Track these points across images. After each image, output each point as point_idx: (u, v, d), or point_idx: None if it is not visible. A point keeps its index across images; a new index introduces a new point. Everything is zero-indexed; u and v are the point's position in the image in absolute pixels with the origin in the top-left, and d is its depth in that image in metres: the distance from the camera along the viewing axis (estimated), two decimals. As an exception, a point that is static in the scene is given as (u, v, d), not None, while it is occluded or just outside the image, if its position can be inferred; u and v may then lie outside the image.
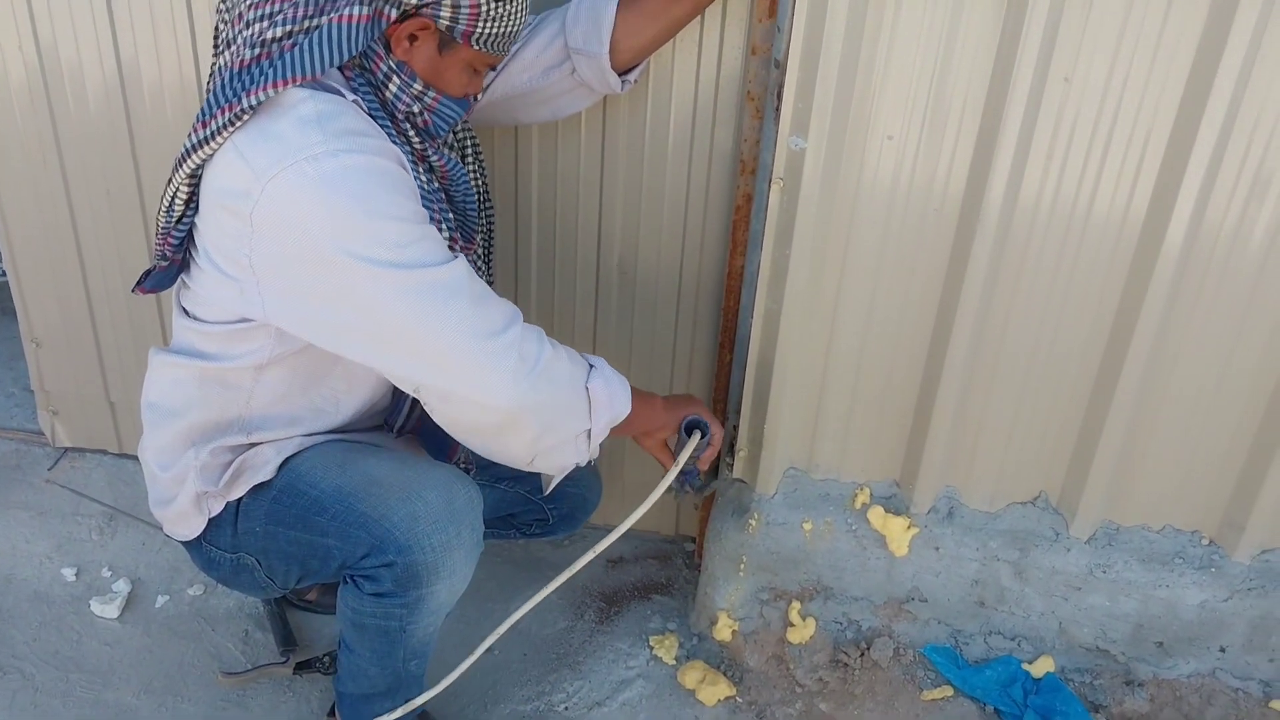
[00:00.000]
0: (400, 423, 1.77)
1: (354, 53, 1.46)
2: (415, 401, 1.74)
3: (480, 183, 1.81)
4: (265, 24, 1.48)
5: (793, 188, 1.74)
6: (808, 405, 1.96)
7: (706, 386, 2.18)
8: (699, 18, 1.82)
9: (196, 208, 1.52)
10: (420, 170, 1.58)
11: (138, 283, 1.65)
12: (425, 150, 1.61)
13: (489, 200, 1.84)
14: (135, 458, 2.52)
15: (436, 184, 1.64)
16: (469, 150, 1.80)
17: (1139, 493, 1.95)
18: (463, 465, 1.86)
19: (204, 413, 1.65)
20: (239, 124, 1.42)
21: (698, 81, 1.87)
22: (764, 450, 1.99)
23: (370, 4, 1.46)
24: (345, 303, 1.42)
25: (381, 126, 1.52)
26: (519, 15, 1.57)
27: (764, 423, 1.96)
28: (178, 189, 1.51)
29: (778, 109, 1.72)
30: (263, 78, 1.42)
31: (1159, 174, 1.65)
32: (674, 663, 2.12)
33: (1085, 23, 1.56)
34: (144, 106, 2.08)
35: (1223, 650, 2.00)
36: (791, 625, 2.08)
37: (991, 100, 1.64)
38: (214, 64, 1.60)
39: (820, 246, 1.79)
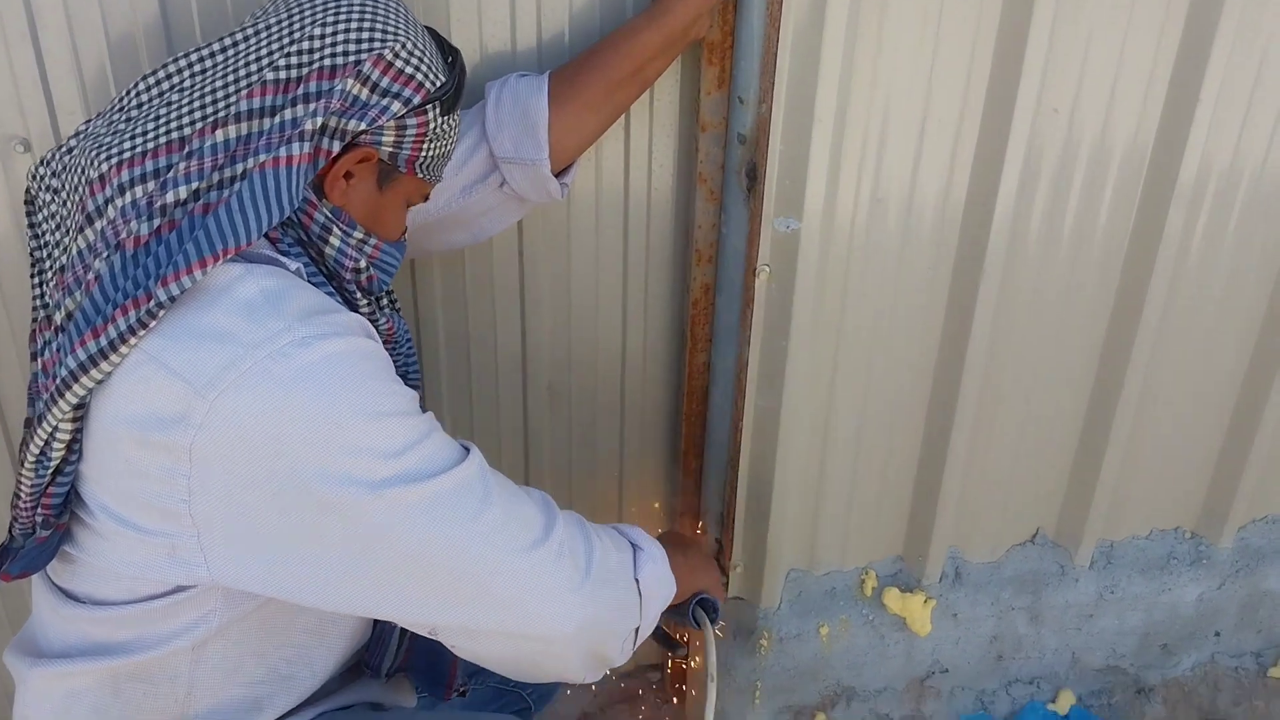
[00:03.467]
0: (390, 665, 1.38)
1: (296, 205, 1.08)
2: (403, 633, 1.36)
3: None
4: (152, 185, 1.07)
5: (785, 273, 1.52)
6: (807, 501, 1.75)
7: (665, 502, 1.90)
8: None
9: (80, 452, 1.08)
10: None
11: None
12: (374, 315, 1.25)
13: (415, 353, 1.47)
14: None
15: None
16: (385, 299, 1.43)
17: (1130, 506, 1.91)
18: (460, 690, 1.48)
19: None
20: (151, 325, 1.01)
21: (627, 168, 1.59)
22: (766, 560, 1.76)
23: (309, 138, 1.09)
24: (336, 542, 1.05)
25: (329, 296, 1.16)
26: (458, 128, 1.25)
27: (766, 531, 1.73)
28: (55, 430, 1.06)
29: (750, 188, 1.49)
30: (178, 257, 1.02)
31: (1140, 204, 1.62)
32: (702, 821, 1.84)
33: (1084, 55, 1.46)
34: None
35: (1217, 635, 2.02)
36: (821, 740, 1.87)
37: (985, 139, 1.50)
38: (52, 251, 1.15)
39: (817, 331, 1.58)
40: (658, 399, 1.80)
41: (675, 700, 2.05)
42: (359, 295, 1.22)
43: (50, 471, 1.08)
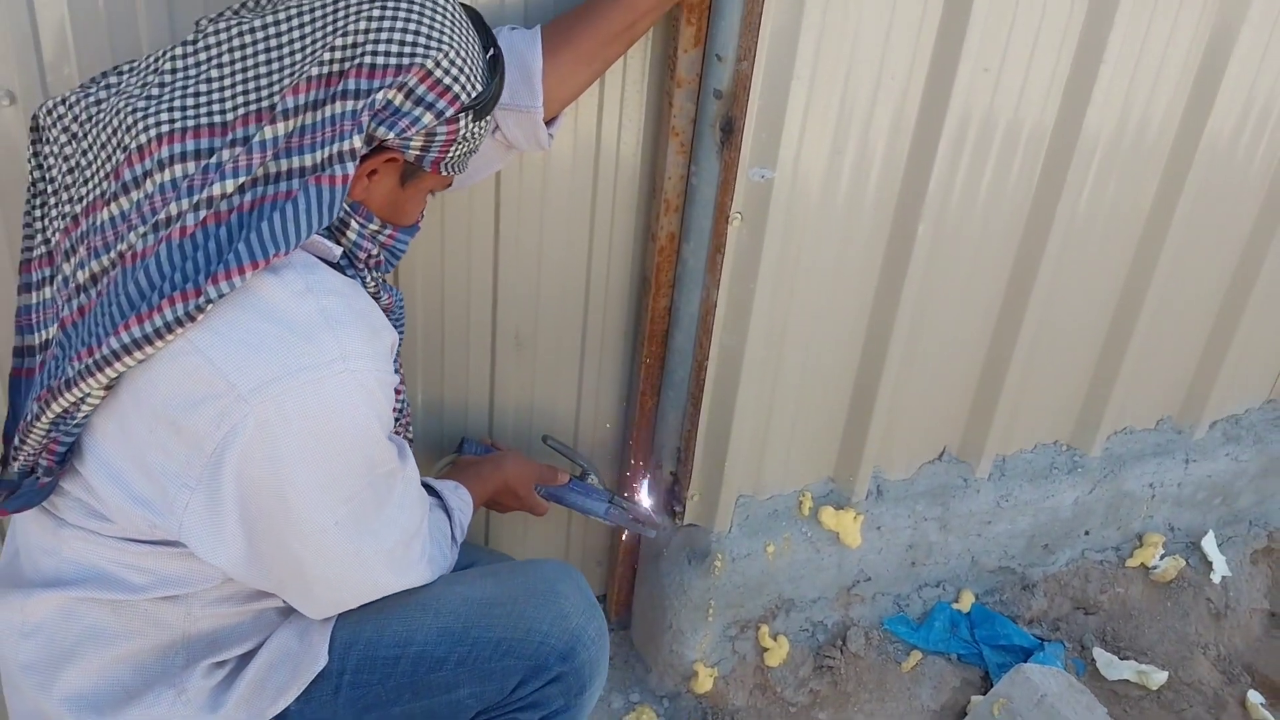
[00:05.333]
0: None
1: (337, 215, 1.15)
2: None
3: None
4: (192, 166, 1.13)
5: (757, 220, 1.65)
6: (758, 433, 1.90)
7: (619, 440, 2.01)
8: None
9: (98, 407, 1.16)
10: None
11: None
12: (377, 293, 1.35)
13: (404, 318, 1.55)
14: None
15: None
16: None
17: (1018, 423, 2.16)
18: None
19: (137, 641, 1.26)
20: (199, 319, 1.09)
21: (600, 121, 1.67)
22: (722, 489, 1.90)
23: (355, 157, 1.14)
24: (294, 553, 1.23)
25: (350, 277, 1.27)
26: (490, 125, 1.31)
27: (723, 463, 1.87)
28: (86, 397, 1.13)
29: (723, 141, 1.61)
30: (229, 255, 1.09)
31: (1042, 168, 1.84)
32: (662, 734, 1.99)
33: (1012, 17, 1.64)
34: None
35: (1087, 533, 2.31)
36: (766, 650, 2.04)
37: (928, 93, 1.67)
38: (59, 190, 1.19)
39: (780, 272, 1.72)
40: (615, 342, 1.89)
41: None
42: (367, 275, 1.28)
43: (71, 425, 1.15)
